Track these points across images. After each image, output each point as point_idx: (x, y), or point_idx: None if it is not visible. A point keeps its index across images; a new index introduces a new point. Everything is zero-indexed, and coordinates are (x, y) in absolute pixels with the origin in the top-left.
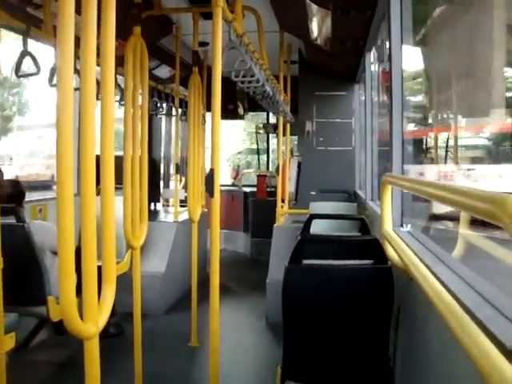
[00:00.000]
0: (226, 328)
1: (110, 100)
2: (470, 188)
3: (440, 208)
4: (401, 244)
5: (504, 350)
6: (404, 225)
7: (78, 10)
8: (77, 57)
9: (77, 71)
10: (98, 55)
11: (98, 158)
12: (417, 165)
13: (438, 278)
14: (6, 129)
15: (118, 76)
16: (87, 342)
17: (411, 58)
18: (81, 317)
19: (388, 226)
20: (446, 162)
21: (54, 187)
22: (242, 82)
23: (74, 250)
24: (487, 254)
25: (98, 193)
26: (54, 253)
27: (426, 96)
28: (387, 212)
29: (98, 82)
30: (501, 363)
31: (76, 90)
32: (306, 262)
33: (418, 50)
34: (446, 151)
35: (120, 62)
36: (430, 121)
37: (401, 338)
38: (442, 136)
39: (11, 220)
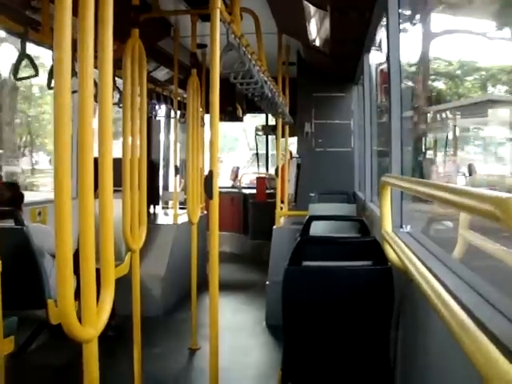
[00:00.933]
0: (225, 330)
1: (107, 102)
2: (472, 189)
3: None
4: (400, 245)
5: (505, 351)
6: (404, 225)
7: (76, 12)
8: (74, 59)
9: (75, 73)
10: (96, 57)
11: (96, 160)
12: None
13: (437, 279)
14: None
15: (116, 78)
16: (86, 346)
17: None
18: (80, 320)
19: (388, 226)
20: None
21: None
22: (241, 84)
23: (72, 253)
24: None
25: (97, 196)
26: (54, 256)
27: None
28: (387, 213)
29: (96, 85)
30: (502, 365)
31: (74, 92)
32: (305, 263)
33: None
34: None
35: (118, 64)
36: None
37: (401, 338)
38: None
39: (10, 223)
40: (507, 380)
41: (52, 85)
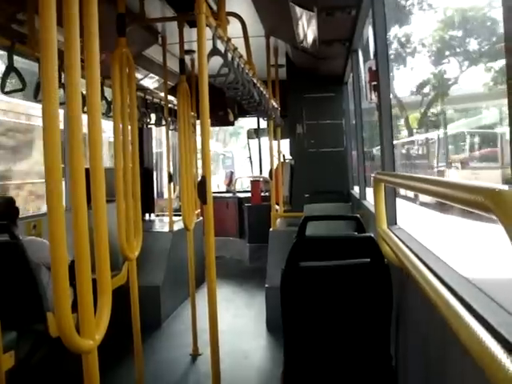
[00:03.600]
0: (226, 335)
1: (96, 113)
2: (464, 181)
3: None
4: (396, 241)
5: (505, 344)
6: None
7: (61, 23)
8: (62, 70)
9: (62, 85)
10: (84, 68)
11: (87, 171)
12: None
13: (434, 274)
14: None
15: (105, 88)
16: (86, 356)
17: None
18: (78, 331)
19: (383, 224)
20: None
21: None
22: (229, 88)
23: (67, 265)
24: None
25: (91, 206)
26: (50, 268)
27: None
28: (381, 210)
29: (83, 95)
30: (502, 358)
31: (62, 104)
32: (302, 264)
33: None
34: None
35: (107, 73)
36: None
37: (401, 335)
38: None
39: (5, 237)
40: (505, 370)
41: (39, 97)
